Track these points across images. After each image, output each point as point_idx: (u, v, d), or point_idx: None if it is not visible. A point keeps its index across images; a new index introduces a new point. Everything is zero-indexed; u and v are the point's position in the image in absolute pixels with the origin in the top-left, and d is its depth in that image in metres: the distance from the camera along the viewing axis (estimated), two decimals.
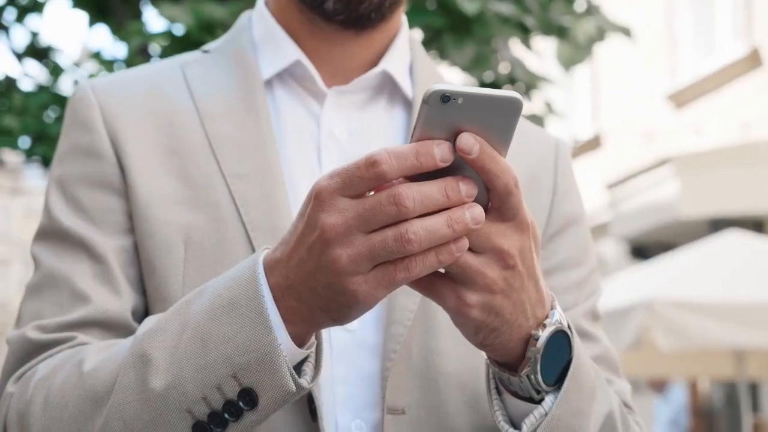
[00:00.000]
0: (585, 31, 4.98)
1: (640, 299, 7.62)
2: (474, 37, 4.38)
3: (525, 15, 4.68)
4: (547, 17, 4.87)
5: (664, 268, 8.91)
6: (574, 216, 1.45)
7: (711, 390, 13.30)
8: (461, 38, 4.34)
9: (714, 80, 12.94)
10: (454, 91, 1.00)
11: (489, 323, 1.09)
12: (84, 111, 1.35)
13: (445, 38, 4.44)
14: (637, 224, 13.35)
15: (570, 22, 4.94)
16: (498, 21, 4.42)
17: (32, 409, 1.19)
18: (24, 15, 6.17)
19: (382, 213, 1.00)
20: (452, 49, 4.40)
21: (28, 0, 6.16)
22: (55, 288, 1.28)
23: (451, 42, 4.37)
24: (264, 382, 1.07)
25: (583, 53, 5.31)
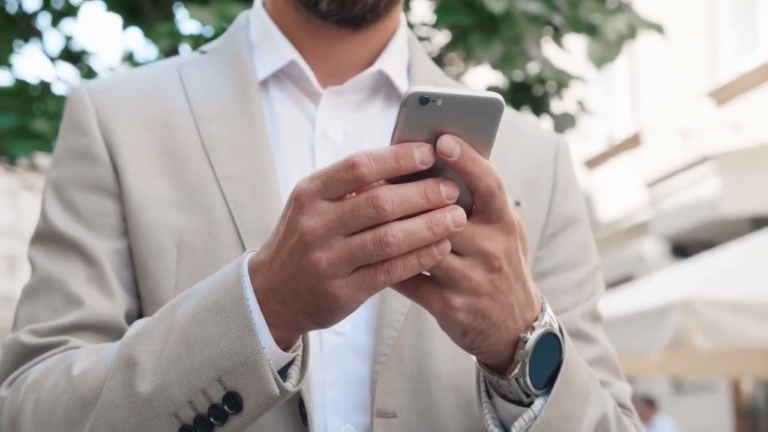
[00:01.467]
0: (615, 29, 4.94)
1: (679, 298, 7.55)
2: (501, 36, 4.36)
3: (553, 13, 4.64)
4: (577, 15, 4.84)
5: (704, 266, 8.83)
6: (575, 216, 1.43)
7: (754, 390, 13.16)
8: (488, 37, 4.33)
9: (755, 77, 12.80)
10: (432, 92, 0.98)
11: (476, 326, 1.07)
12: (80, 114, 1.36)
13: (472, 37, 4.42)
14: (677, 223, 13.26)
15: (600, 19, 4.91)
16: (525, 19, 4.40)
17: (23, 414, 1.19)
18: (59, 19, 6.21)
19: (360, 215, 0.99)
20: (479, 49, 4.38)
21: (63, 4, 6.20)
22: (49, 291, 1.29)
23: (478, 41, 4.35)
24: (248, 386, 1.07)
25: (614, 51, 5.27)
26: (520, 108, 5.59)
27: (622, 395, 1.35)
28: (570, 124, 5.57)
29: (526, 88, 5.57)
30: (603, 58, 5.29)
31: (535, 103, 5.59)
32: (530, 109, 5.65)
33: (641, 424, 1.37)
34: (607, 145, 15.67)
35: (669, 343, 7.68)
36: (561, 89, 5.49)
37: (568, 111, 5.70)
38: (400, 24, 1.45)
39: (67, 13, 6.19)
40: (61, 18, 6.19)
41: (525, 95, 5.58)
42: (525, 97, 5.58)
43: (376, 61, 1.40)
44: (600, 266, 1.45)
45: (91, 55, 6.27)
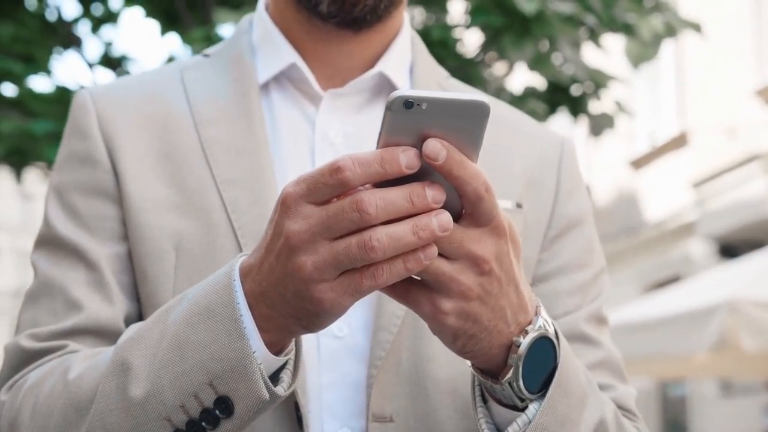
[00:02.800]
0: (651, 28, 4.89)
1: (724, 299, 7.48)
2: (533, 37, 4.34)
3: (586, 13, 4.61)
4: (612, 15, 4.80)
5: (750, 266, 8.73)
6: (579, 217, 1.41)
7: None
8: (520, 38, 4.31)
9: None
10: (417, 96, 0.98)
11: (466, 330, 1.06)
12: (82, 118, 1.37)
13: (505, 38, 4.40)
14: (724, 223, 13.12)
15: (635, 19, 4.86)
16: (558, 20, 4.37)
17: (21, 418, 1.20)
18: (99, 26, 6.27)
19: (345, 219, 0.98)
20: (511, 49, 4.36)
21: (103, 11, 6.26)
22: (50, 296, 1.30)
23: (510, 42, 4.33)
24: (239, 390, 1.07)
25: (651, 50, 5.22)
26: (557, 109, 5.55)
27: (625, 399, 1.33)
28: (608, 125, 5.53)
29: (563, 89, 5.54)
30: (640, 58, 5.25)
31: (573, 104, 5.55)
32: (568, 109, 5.61)
33: (645, 428, 1.35)
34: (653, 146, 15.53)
35: (714, 344, 7.61)
36: (598, 90, 5.45)
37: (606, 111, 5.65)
38: (402, 25, 1.44)
39: (107, 19, 6.25)
40: (101, 24, 6.25)
41: (562, 96, 5.54)
42: (562, 97, 5.55)
43: (377, 63, 1.39)
44: (605, 268, 1.44)
45: (131, 61, 6.32)
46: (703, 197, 13.74)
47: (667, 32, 5.11)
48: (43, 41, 5.17)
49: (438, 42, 4.62)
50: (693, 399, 14.42)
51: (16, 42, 4.97)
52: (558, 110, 5.54)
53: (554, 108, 5.50)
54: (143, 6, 6.02)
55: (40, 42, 5.12)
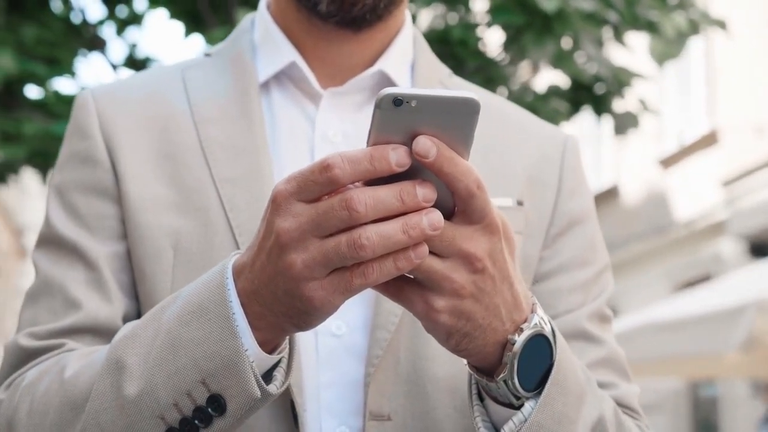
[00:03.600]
0: (674, 26, 4.85)
1: (754, 298, 7.42)
2: (554, 35, 4.32)
3: (608, 10, 4.58)
4: (635, 12, 4.77)
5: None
6: (581, 214, 1.40)
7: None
8: (541, 36, 4.29)
9: None
10: (406, 93, 0.97)
11: (460, 328, 1.06)
12: (83, 118, 1.37)
13: (525, 36, 4.38)
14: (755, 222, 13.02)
15: (658, 16, 4.83)
16: (580, 18, 4.35)
17: (18, 416, 1.20)
18: (124, 28, 6.31)
19: (334, 217, 0.98)
20: (532, 48, 4.34)
21: (128, 13, 6.29)
22: (50, 295, 1.30)
23: (531, 40, 4.31)
24: (230, 388, 1.07)
25: (676, 48, 5.18)
26: (581, 108, 5.52)
27: (628, 397, 1.32)
28: (632, 124, 5.50)
29: (587, 88, 5.51)
30: (665, 56, 5.21)
31: (597, 103, 5.53)
32: (592, 108, 5.58)
33: (648, 426, 1.34)
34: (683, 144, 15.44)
35: (743, 344, 7.55)
36: (622, 88, 5.41)
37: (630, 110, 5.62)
38: (404, 24, 1.43)
39: (132, 21, 6.28)
40: (126, 26, 6.28)
41: (586, 95, 5.51)
42: (586, 96, 5.52)
43: (377, 61, 1.39)
44: (609, 266, 1.43)
45: (155, 62, 6.35)
46: (733, 196, 13.64)
47: (692, 30, 5.07)
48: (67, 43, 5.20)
49: (458, 41, 4.61)
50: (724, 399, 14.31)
51: (40, 44, 5.00)
52: (582, 109, 5.51)
53: (577, 107, 5.47)
54: (167, 8, 6.05)
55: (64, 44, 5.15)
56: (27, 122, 4.92)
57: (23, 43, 4.96)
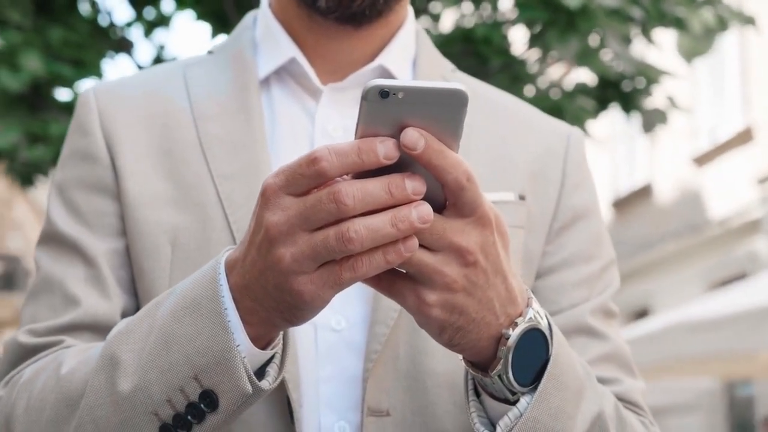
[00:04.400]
0: (702, 22, 4.81)
1: None
2: (578, 32, 4.29)
3: (633, 7, 4.54)
4: (661, 8, 4.72)
5: None
6: (585, 209, 1.39)
7: None
8: (565, 33, 4.26)
9: None
10: (392, 85, 0.96)
11: (453, 322, 1.05)
12: (84, 115, 1.37)
13: (549, 33, 4.35)
14: None
15: (685, 12, 4.78)
16: (604, 14, 4.31)
17: (16, 412, 1.20)
18: (151, 30, 6.33)
19: (322, 210, 0.97)
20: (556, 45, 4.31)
21: (155, 15, 6.31)
22: (50, 292, 1.30)
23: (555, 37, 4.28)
24: (223, 384, 1.06)
25: (704, 44, 5.13)
26: (608, 105, 5.48)
27: (632, 393, 1.31)
28: (660, 121, 5.45)
29: (615, 85, 5.47)
30: (693, 52, 5.16)
31: (625, 100, 5.49)
32: (620, 105, 5.54)
33: (653, 421, 1.32)
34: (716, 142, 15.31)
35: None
36: (650, 85, 5.37)
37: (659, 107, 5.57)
38: (406, 19, 1.43)
39: (159, 23, 6.31)
40: (154, 28, 6.31)
41: (614, 92, 5.48)
42: (614, 93, 5.48)
43: (378, 56, 1.38)
44: (614, 260, 1.41)
45: None
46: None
47: (720, 26, 5.02)
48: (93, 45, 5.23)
49: (482, 39, 4.59)
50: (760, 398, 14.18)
51: (66, 46, 5.03)
52: (608, 107, 5.48)
53: (605, 104, 5.43)
54: (194, 9, 6.07)
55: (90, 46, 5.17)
56: (54, 123, 4.95)
57: (50, 45, 5.00)
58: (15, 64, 4.76)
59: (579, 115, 5.08)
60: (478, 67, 4.69)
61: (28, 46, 4.80)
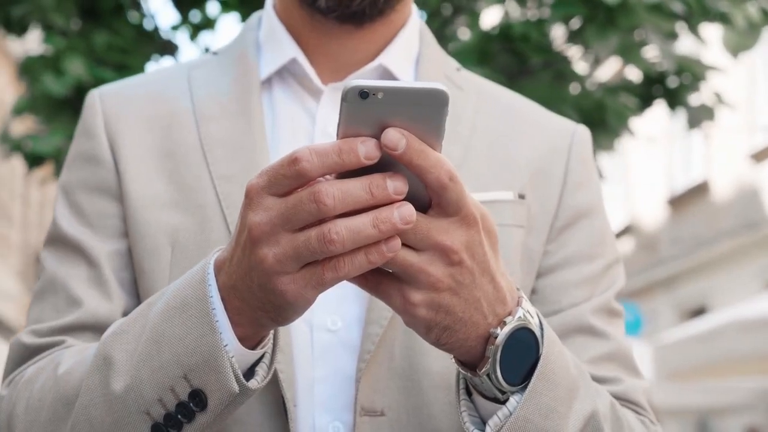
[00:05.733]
0: (746, 16, 4.74)
1: None
2: (618, 28, 4.24)
3: (674, 2, 4.48)
4: (704, 3, 4.66)
5: None
6: (588, 208, 1.38)
7: None
8: (604, 29, 4.22)
9: None
10: (372, 86, 0.96)
11: (439, 322, 1.05)
12: (89, 118, 1.39)
13: (588, 30, 4.31)
14: None
15: (728, 7, 4.72)
16: (644, 9, 4.27)
17: (16, 412, 1.22)
18: (197, 33, 6.37)
19: (303, 211, 0.98)
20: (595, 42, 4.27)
21: (201, 18, 6.35)
22: (53, 293, 1.32)
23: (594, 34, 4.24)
24: (211, 384, 1.07)
25: (750, 39, 5.05)
26: (653, 102, 5.43)
27: (633, 392, 1.30)
28: (707, 117, 5.38)
29: (661, 81, 5.41)
30: (739, 47, 5.09)
31: (670, 96, 5.42)
32: (666, 102, 5.48)
33: (654, 420, 1.31)
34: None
35: None
36: (696, 81, 5.30)
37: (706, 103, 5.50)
38: (409, 18, 1.42)
39: (205, 26, 6.35)
40: (199, 31, 6.35)
41: (659, 88, 5.42)
42: (660, 90, 5.43)
43: (379, 56, 1.38)
44: (619, 259, 1.40)
45: None
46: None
47: (764, 20, 4.95)
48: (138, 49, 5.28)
49: (520, 37, 4.57)
50: None
51: (110, 50, 5.09)
52: (654, 103, 5.42)
53: (649, 101, 5.37)
54: (239, 11, 6.10)
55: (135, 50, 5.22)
56: None
57: (94, 50, 5.05)
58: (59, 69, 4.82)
59: (622, 112, 5.03)
60: (516, 65, 4.67)
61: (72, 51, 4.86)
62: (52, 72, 4.84)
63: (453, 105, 1.38)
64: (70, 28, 5.19)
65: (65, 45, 4.99)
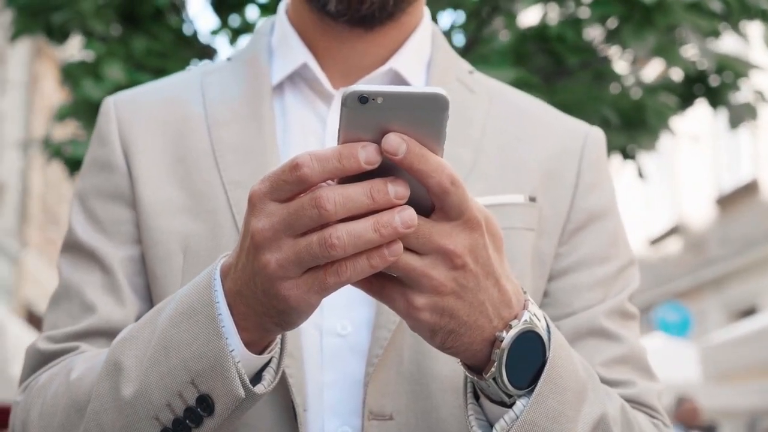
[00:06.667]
0: None
1: None
2: (655, 27, 4.20)
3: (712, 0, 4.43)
4: (744, 1, 4.60)
5: None
6: (601, 210, 1.37)
7: None
8: (641, 28, 4.17)
9: None
10: (371, 91, 0.96)
11: (443, 325, 1.04)
12: (103, 125, 1.40)
13: (625, 29, 4.27)
14: None
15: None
16: (682, 8, 4.22)
17: (30, 417, 1.24)
18: (236, 37, 6.40)
19: (304, 216, 0.98)
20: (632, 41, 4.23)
21: (240, 22, 6.38)
22: (68, 299, 1.33)
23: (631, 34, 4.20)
24: (217, 389, 1.08)
25: None
26: (695, 101, 5.37)
27: (646, 395, 1.29)
28: (749, 116, 5.31)
29: (702, 80, 5.35)
30: None
31: (712, 95, 5.36)
32: (707, 101, 5.42)
33: (667, 423, 1.30)
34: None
35: None
36: (738, 79, 5.24)
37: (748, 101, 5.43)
38: (421, 21, 1.42)
39: (245, 30, 6.37)
40: (239, 35, 6.38)
41: (700, 87, 5.36)
42: (700, 89, 5.36)
43: (389, 60, 1.38)
44: (634, 261, 1.39)
45: None
46: None
47: None
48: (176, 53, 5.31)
49: (555, 37, 4.54)
50: None
51: (149, 55, 5.12)
52: (695, 103, 5.36)
53: (690, 100, 5.31)
54: None
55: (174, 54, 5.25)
56: None
57: (133, 55, 5.09)
58: (98, 74, 4.86)
59: (662, 111, 4.98)
60: (553, 65, 4.64)
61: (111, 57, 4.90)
62: (92, 77, 4.89)
63: (464, 108, 1.38)
64: (109, 33, 5.23)
65: (104, 50, 5.04)
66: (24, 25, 5.21)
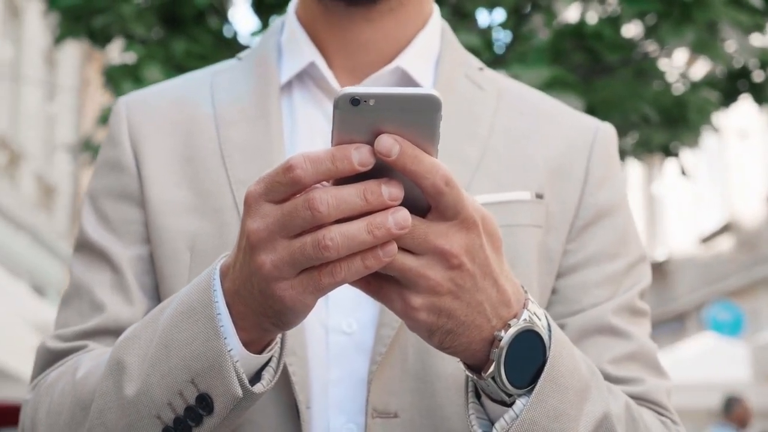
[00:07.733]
0: None
1: None
2: (694, 23, 4.16)
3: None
4: None
5: None
6: (610, 206, 1.36)
7: None
8: (680, 25, 4.13)
9: None
10: (363, 93, 0.97)
11: (441, 325, 1.04)
12: (115, 125, 1.42)
13: (663, 26, 4.23)
14: None
15: None
16: (721, 4, 4.17)
17: (39, 415, 1.25)
18: None
19: (298, 218, 0.98)
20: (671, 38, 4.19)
21: None
22: (79, 298, 1.35)
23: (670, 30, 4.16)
24: (216, 388, 1.08)
25: None
26: (738, 97, 5.32)
27: (655, 393, 1.28)
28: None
29: (745, 76, 5.30)
30: None
31: (756, 91, 5.31)
32: (751, 97, 5.37)
33: (677, 420, 1.28)
34: None
35: None
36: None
37: None
38: (430, 17, 1.42)
39: None
40: None
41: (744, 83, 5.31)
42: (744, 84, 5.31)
43: (396, 58, 1.38)
44: (644, 258, 1.37)
45: None
46: None
47: None
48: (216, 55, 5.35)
49: (592, 34, 4.51)
50: None
51: (189, 57, 5.16)
52: (738, 99, 5.30)
53: (734, 96, 5.26)
54: None
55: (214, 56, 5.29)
56: None
57: (173, 58, 5.14)
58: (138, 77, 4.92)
59: (704, 107, 4.94)
60: (590, 62, 4.60)
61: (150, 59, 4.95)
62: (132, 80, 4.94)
63: (472, 105, 1.37)
64: (150, 37, 5.28)
65: (144, 53, 5.09)
66: (67, 29, 5.28)
